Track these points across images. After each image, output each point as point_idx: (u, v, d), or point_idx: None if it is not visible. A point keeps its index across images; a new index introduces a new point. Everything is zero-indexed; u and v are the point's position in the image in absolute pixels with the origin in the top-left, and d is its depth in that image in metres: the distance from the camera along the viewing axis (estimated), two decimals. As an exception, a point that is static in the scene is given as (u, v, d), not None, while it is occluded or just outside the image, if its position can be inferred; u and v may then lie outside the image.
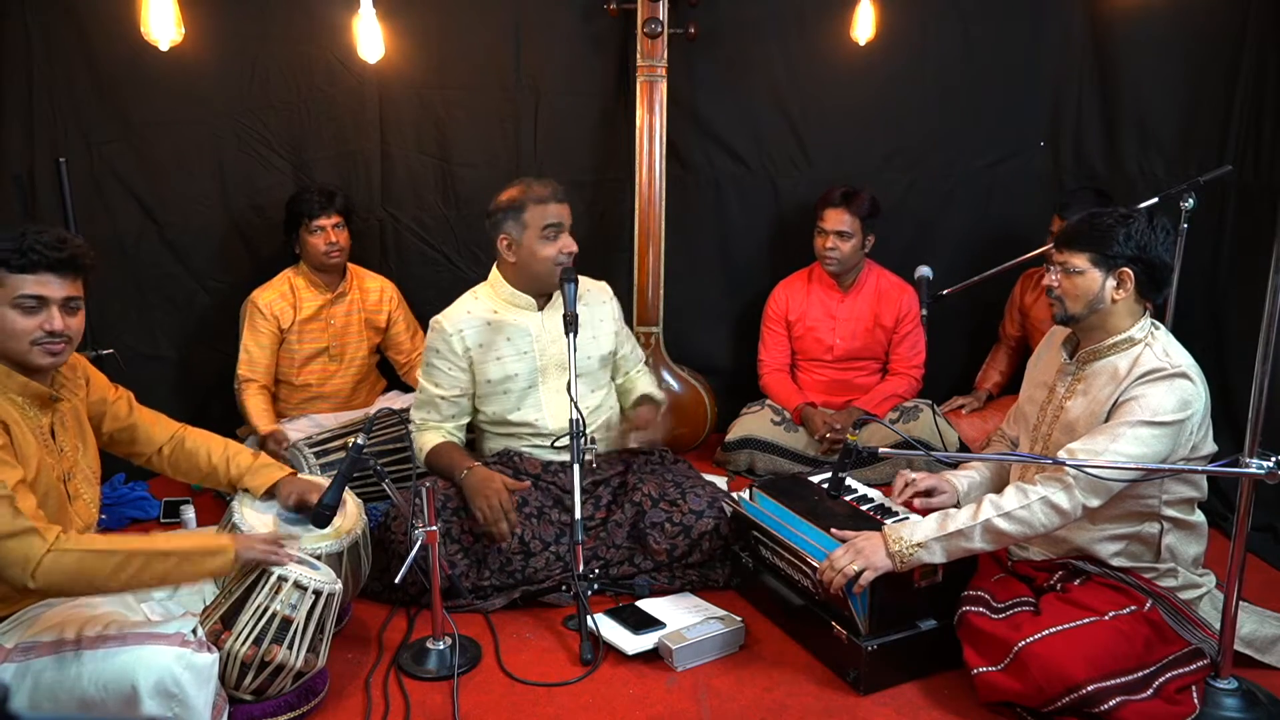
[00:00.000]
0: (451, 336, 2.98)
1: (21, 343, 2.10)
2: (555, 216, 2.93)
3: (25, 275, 2.08)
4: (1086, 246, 2.43)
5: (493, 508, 2.77)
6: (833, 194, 3.68)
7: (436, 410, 3.03)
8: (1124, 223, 2.41)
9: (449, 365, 2.99)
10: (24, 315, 2.09)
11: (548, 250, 2.93)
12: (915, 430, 3.62)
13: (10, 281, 2.08)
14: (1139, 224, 2.41)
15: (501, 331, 3.00)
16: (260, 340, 3.54)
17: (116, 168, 3.58)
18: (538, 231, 2.92)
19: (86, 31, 3.43)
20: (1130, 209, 2.49)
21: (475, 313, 3.02)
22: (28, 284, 2.09)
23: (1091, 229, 2.43)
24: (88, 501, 2.31)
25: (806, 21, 3.86)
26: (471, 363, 3.00)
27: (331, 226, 3.49)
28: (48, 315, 2.11)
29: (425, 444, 3.01)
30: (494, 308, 3.03)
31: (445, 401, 3.02)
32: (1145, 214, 2.45)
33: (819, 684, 2.53)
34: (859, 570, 2.40)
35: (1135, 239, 2.39)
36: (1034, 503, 2.37)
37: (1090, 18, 3.81)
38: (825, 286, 3.83)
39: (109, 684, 2.01)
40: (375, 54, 3.48)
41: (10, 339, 2.10)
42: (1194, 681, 2.34)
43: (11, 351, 2.12)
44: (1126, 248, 2.40)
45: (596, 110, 3.89)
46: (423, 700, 2.45)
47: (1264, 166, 3.47)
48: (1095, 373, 2.48)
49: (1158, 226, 2.42)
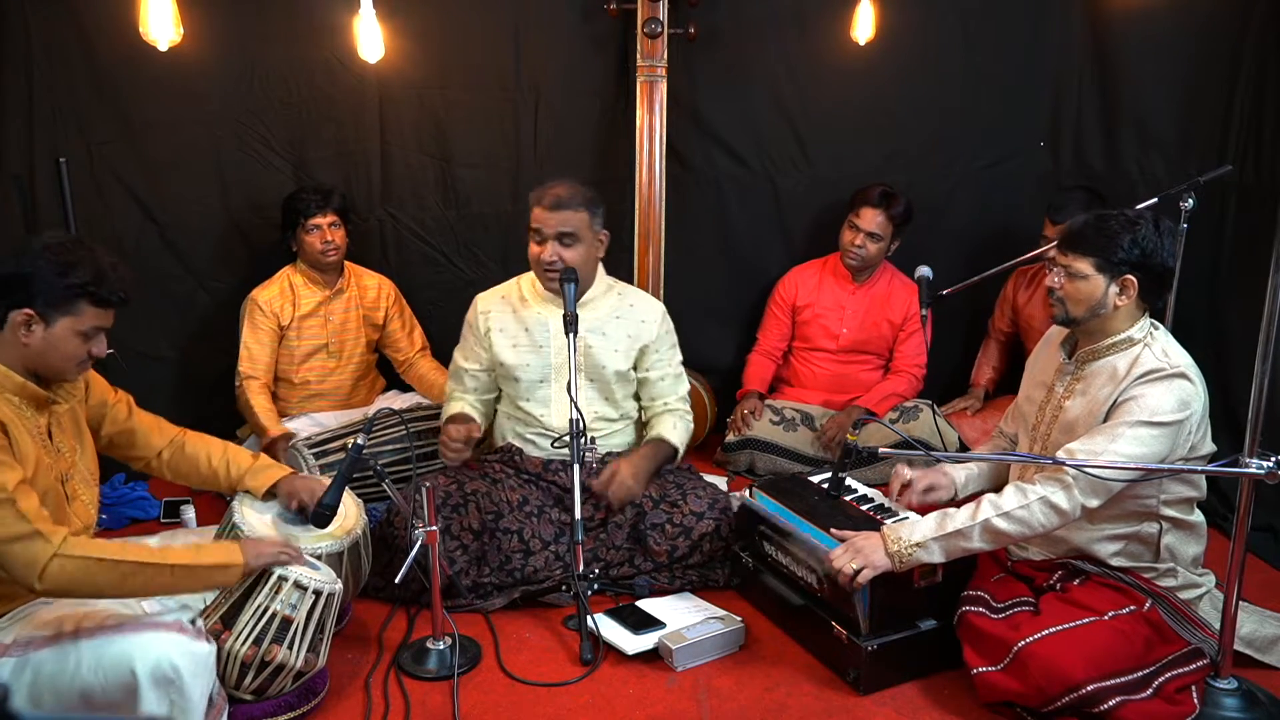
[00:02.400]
0: (480, 315, 3.12)
1: (69, 364, 2.18)
2: (536, 221, 2.96)
3: (100, 310, 2.15)
4: (1091, 251, 2.40)
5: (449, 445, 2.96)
6: (871, 192, 3.67)
7: (461, 382, 3.18)
8: (1130, 228, 2.38)
9: (475, 340, 3.13)
10: (81, 342, 2.16)
11: (531, 249, 2.99)
12: (915, 430, 3.62)
13: (87, 312, 2.14)
14: (1145, 229, 2.37)
15: (524, 321, 3.07)
16: (260, 337, 3.54)
17: (116, 168, 3.57)
18: (530, 233, 2.97)
19: (86, 31, 3.43)
20: (1136, 212, 2.45)
21: (508, 297, 3.13)
22: (99, 318, 2.16)
23: (1097, 233, 2.40)
24: (86, 503, 2.31)
25: (806, 21, 3.86)
26: (490, 344, 3.08)
27: (328, 225, 3.49)
28: (96, 341, 2.19)
29: (447, 411, 3.17)
30: (526, 297, 3.11)
31: (468, 374, 3.15)
32: (1151, 218, 2.41)
33: (819, 684, 2.53)
34: (858, 569, 2.40)
35: (1141, 245, 2.37)
36: (1033, 503, 2.37)
37: (1090, 18, 3.81)
38: (840, 277, 3.84)
39: (108, 670, 2.01)
40: (375, 54, 3.48)
41: (62, 359, 2.16)
42: (1194, 681, 2.34)
43: (51, 367, 2.17)
44: (1131, 254, 2.37)
45: (596, 110, 3.88)
46: (423, 700, 2.46)
47: (1264, 166, 3.47)
48: (1094, 373, 2.47)
49: (1163, 231, 2.40)
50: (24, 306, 2.09)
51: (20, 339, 2.11)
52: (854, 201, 3.73)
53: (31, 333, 2.11)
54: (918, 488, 2.66)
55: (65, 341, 2.13)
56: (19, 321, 2.10)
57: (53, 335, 2.12)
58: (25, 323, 2.10)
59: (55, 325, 2.11)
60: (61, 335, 2.13)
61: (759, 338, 3.98)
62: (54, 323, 2.11)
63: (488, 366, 3.12)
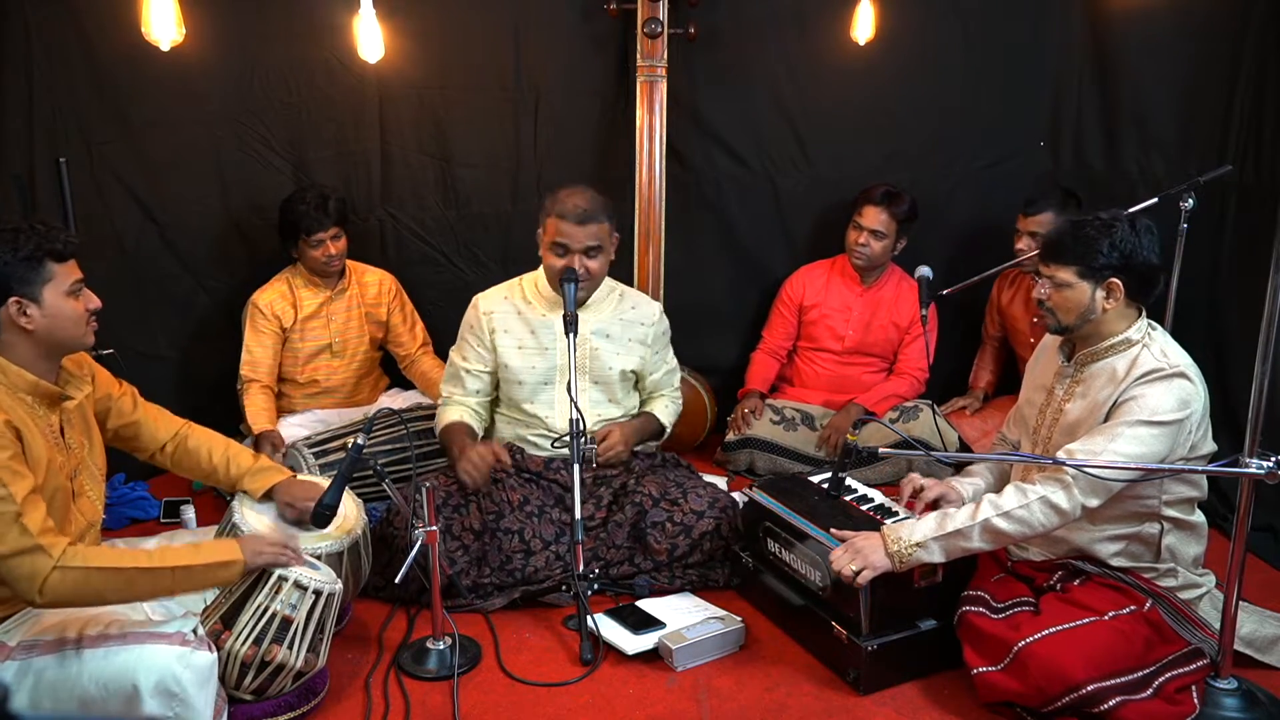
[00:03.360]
0: (483, 316, 3.10)
1: (80, 325, 2.22)
2: (562, 236, 2.94)
3: (64, 264, 2.18)
4: (1072, 260, 2.41)
5: (476, 465, 2.87)
6: (874, 191, 3.69)
7: (461, 384, 3.13)
8: (1106, 232, 2.38)
9: (476, 342, 3.10)
10: (74, 300, 2.19)
11: (552, 260, 2.99)
12: (915, 430, 3.62)
13: (57, 271, 2.16)
14: (1121, 231, 2.38)
15: (528, 324, 3.07)
16: (263, 340, 3.54)
17: (116, 168, 3.57)
18: (549, 242, 2.98)
19: (86, 31, 3.43)
20: (1112, 214, 2.45)
21: (510, 299, 3.11)
22: (69, 270, 2.19)
23: (1075, 241, 2.41)
24: (93, 499, 2.32)
25: (806, 21, 3.85)
26: (495, 346, 3.07)
27: (330, 239, 3.49)
28: (85, 296, 2.23)
29: (443, 419, 3.11)
30: (530, 300, 3.10)
31: (470, 375, 3.11)
32: (1127, 219, 2.42)
33: (819, 684, 2.53)
34: (858, 569, 2.40)
35: (1119, 248, 2.37)
36: (1033, 502, 2.37)
37: (1090, 18, 3.81)
38: (847, 278, 3.85)
39: (109, 683, 2.02)
40: (375, 54, 3.47)
41: (71, 325, 2.20)
42: (1194, 681, 2.34)
43: (67, 337, 2.21)
44: (1111, 258, 2.38)
45: (596, 110, 3.88)
46: (423, 700, 2.46)
47: (1264, 166, 3.47)
48: (1093, 374, 2.48)
49: (1140, 230, 2.40)
50: (7, 298, 2.11)
51: (23, 328, 2.13)
52: (857, 201, 3.74)
53: (30, 317, 2.13)
54: (928, 498, 2.65)
55: (61, 307, 2.16)
56: (12, 313, 2.12)
57: (48, 308, 2.15)
58: (19, 310, 2.12)
59: (43, 298, 2.14)
60: (54, 303, 2.15)
61: (764, 336, 3.98)
62: (40, 297, 2.14)
63: (491, 369, 3.12)
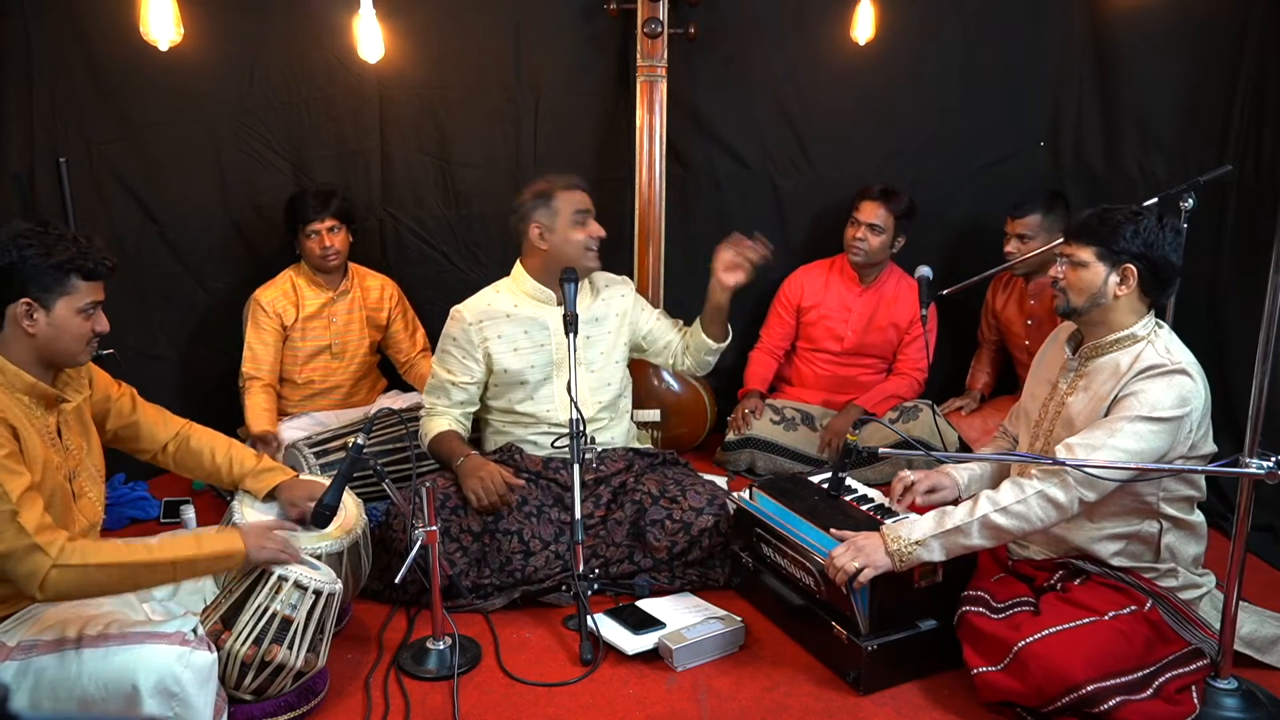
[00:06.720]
0: (470, 327, 3.06)
1: (79, 344, 2.20)
2: (584, 203, 3.04)
3: (91, 282, 2.17)
4: (1093, 240, 2.44)
5: (487, 489, 2.83)
6: (871, 188, 3.71)
7: (446, 395, 3.11)
8: (1133, 219, 2.42)
9: (463, 354, 3.07)
10: (84, 320, 2.18)
11: (578, 235, 3.02)
12: (915, 430, 3.62)
13: (80, 288, 2.16)
14: (1148, 222, 2.42)
15: (520, 325, 3.08)
16: (264, 338, 3.54)
17: (116, 168, 3.57)
18: (569, 217, 3.01)
19: (86, 31, 3.43)
20: (1142, 207, 2.51)
21: (495, 305, 3.10)
22: (92, 291, 2.18)
23: (1101, 223, 2.45)
24: (93, 500, 2.32)
25: (806, 21, 3.86)
26: (488, 354, 3.06)
27: (326, 230, 3.49)
28: (96, 318, 2.20)
29: (431, 430, 3.08)
30: (515, 301, 3.10)
31: (455, 387, 3.09)
32: (1156, 213, 2.47)
33: (819, 684, 2.53)
34: (858, 569, 2.40)
35: (1143, 236, 2.40)
36: (1030, 497, 2.37)
37: (1090, 18, 3.81)
38: (846, 278, 3.85)
39: (109, 683, 2.02)
40: (375, 54, 3.48)
41: (72, 342, 2.18)
42: (1194, 681, 2.34)
43: (63, 352, 2.19)
44: (1133, 244, 2.41)
45: (596, 110, 3.88)
46: (423, 700, 2.46)
47: (1264, 166, 3.46)
48: (1097, 369, 2.48)
49: (1167, 226, 2.43)
50: (20, 298, 2.11)
51: (26, 330, 2.13)
52: (855, 198, 3.74)
53: (35, 322, 2.13)
54: (920, 489, 2.66)
55: (68, 322, 2.15)
56: (20, 313, 2.12)
57: (55, 319, 2.14)
58: (27, 312, 2.12)
59: (55, 308, 2.13)
60: (63, 316, 2.15)
61: (762, 335, 3.98)
62: (53, 306, 2.13)
63: (478, 380, 3.10)
